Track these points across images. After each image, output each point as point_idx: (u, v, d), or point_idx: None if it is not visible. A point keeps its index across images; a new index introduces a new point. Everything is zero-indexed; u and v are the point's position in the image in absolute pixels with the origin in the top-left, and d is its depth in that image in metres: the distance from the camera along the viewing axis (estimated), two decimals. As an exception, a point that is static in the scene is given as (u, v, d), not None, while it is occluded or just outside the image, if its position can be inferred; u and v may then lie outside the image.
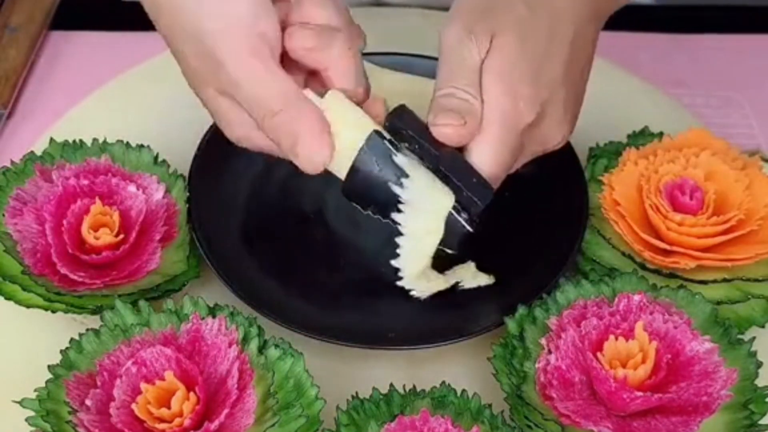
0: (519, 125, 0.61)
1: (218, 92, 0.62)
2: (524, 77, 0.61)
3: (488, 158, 0.61)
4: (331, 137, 0.60)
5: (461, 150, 0.62)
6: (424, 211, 0.62)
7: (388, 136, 0.61)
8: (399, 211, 0.62)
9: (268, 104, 0.59)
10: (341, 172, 0.62)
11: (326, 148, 0.60)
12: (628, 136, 0.75)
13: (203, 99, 0.64)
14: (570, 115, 0.64)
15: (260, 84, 0.59)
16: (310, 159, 0.60)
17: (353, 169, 0.61)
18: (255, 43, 0.59)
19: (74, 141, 0.70)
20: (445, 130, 0.60)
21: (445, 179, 0.61)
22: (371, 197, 0.62)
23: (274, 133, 0.60)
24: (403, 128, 0.62)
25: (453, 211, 0.61)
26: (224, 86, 0.60)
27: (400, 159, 0.61)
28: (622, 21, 0.93)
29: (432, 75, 0.66)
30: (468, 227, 0.62)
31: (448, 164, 0.61)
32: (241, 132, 0.63)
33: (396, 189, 0.61)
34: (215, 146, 0.73)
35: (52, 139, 0.71)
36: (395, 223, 0.63)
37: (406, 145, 0.62)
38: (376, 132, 0.61)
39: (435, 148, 0.61)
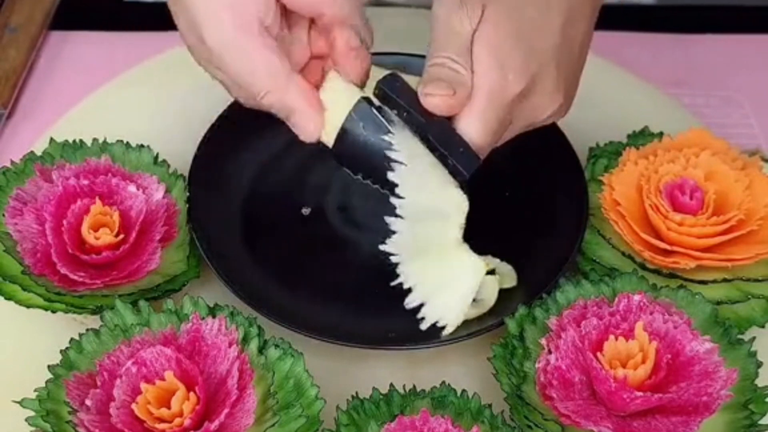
0: (507, 97, 0.61)
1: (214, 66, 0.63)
2: (514, 49, 0.61)
3: (476, 129, 0.61)
4: (321, 108, 0.63)
5: (450, 120, 0.62)
6: (413, 174, 0.62)
7: (377, 103, 0.62)
8: (391, 169, 0.62)
9: (255, 85, 0.62)
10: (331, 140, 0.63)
11: (317, 122, 0.63)
12: (628, 136, 0.75)
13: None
14: (563, 88, 0.64)
15: (246, 63, 0.62)
16: (304, 131, 0.64)
17: (342, 131, 0.62)
18: (243, 19, 0.61)
19: (74, 141, 0.70)
20: (435, 100, 0.61)
21: (431, 148, 0.62)
22: (360, 161, 0.63)
23: (268, 108, 0.63)
24: (393, 96, 0.62)
25: None
26: (213, 61, 0.63)
27: (387, 124, 0.62)
28: (622, 21, 0.94)
29: None
30: None
31: (436, 133, 0.62)
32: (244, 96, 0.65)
33: (385, 152, 0.62)
34: (215, 146, 0.74)
35: (52, 139, 0.71)
36: (390, 183, 0.62)
37: (395, 112, 0.62)
38: (365, 98, 0.62)
39: (424, 117, 0.62)
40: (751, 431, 0.59)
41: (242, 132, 0.75)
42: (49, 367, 0.59)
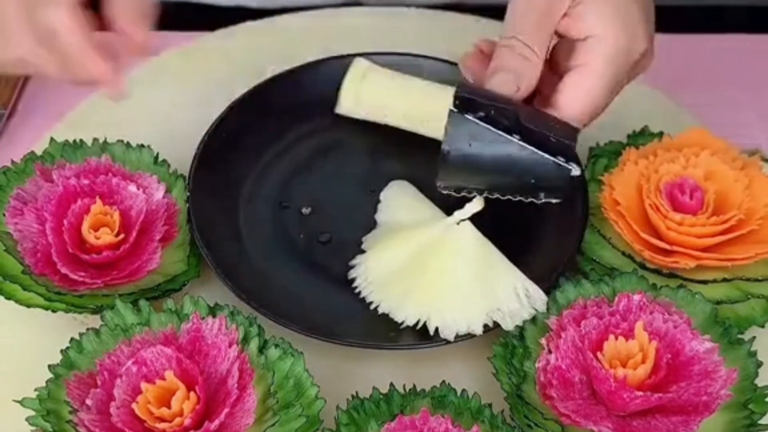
0: (628, 63, 0.61)
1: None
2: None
3: (576, 112, 0.61)
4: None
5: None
6: None
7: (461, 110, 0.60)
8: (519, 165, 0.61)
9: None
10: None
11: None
12: (628, 136, 0.75)
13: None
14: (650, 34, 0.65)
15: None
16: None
17: (444, 154, 0.60)
18: None
19: (74, 141, 0.70)
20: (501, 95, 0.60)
21: (528, 131, 0.60)
22: (476, 172, 0.62)
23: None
24: (474, 98, 0.60)
25: (550, 157, 0.60)
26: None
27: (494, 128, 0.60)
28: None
29: (435, 76, 0.67)
30: (568, 167, 0.61)
31: (528, 117, 0.61)
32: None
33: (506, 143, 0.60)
34: (215, 146, 0.73)
35: (52, 139, 0.71)
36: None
37: (482, 114, 0.60)
38: (453, 111, 0.60)
39: (511, 105, 0.60)
40: (751, 431, 0.59)
41: (242, 132, 0.75)
42: (49, 366, 0.59)
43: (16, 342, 0.68)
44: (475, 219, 0.66)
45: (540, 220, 0.72)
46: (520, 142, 0.59)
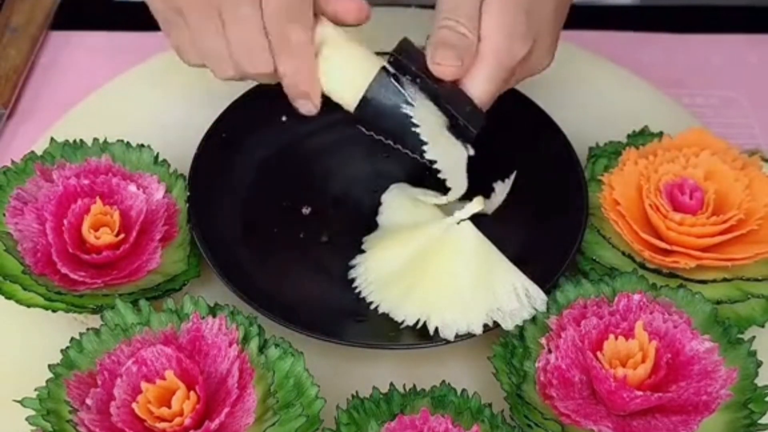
0: (512, 61, 0.65)
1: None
2: (520, 15, 0.65)
3: (483, 91, 0.65)
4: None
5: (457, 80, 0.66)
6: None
7: (392, 70, 0.66)
8: (415, 126, 0.65)
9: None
10: (350, 105, 0.67)
11: (318, 105, 0.68)
12: (628, 136, 0.75)
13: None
14: (555, 44, 0.69)
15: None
16: (308, 112, 0.69)
17: (364, 100, 0.66)
18: None
19: (75, 141, 0.70)
20: (443, 69, 0.65)
21: (443, 109, 0.66)
22: (382, 126, 0.67)
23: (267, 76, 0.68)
24: (406, 63, 0.66)
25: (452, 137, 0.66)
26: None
27: (406, 91, 0.65)
28: (622, 21, 0.94)
29: None
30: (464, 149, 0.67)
31: (446, 95, 0.66)
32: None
33: (407, 111, 0.65)
34: (215, 146, 0.74)
35: (52, 139, 0.71)
36: (411, 146, 0.66)
37: (409, 78, 0.66)
38: (384, 68, 0.66)
39: (434, 81, 0.65)
40: (751, 430, 0.59)
41: (242, 131, 0.75)
42: (49, 366, 0.59)
43: (16, 342, 0.68)
44: (475, 219, 0.66)
45: (540, 220, 0.72)
46: None
